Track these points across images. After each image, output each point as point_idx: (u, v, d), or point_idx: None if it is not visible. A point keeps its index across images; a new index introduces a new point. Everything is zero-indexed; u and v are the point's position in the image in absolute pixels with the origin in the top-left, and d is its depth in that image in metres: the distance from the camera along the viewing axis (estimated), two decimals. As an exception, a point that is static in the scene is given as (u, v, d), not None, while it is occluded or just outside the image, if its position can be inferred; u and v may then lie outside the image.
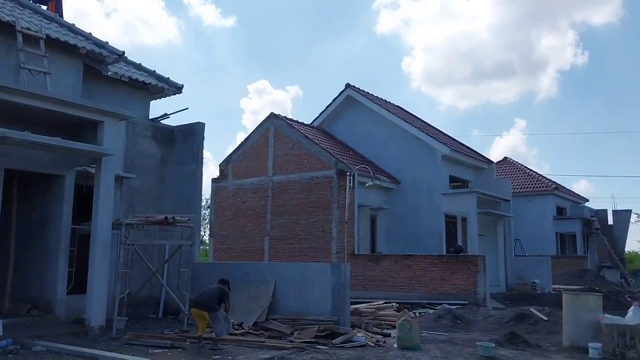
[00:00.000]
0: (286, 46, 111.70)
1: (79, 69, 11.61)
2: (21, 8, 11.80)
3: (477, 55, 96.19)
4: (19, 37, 10.29)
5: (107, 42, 12.06)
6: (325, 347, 9.20)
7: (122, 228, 10.31)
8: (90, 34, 12.08)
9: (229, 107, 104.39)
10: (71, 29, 11.99)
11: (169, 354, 8.51)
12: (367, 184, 17.60)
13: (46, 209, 11.22)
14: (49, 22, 11.79)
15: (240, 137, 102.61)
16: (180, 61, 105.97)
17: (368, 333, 10.66)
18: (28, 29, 10.57)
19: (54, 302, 10.60)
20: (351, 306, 11.54)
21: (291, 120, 22.09)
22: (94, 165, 10.88)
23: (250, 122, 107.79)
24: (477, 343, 9.16)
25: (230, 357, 8.30)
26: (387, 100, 25.46)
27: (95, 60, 11.90)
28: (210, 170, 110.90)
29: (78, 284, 11.05)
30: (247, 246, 20.95)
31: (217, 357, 8.31)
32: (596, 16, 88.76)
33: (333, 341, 9.54)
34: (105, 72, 12.26)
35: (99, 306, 9.81)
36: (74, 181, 11.10)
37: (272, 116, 21.43)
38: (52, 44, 10.98)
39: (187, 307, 11.12)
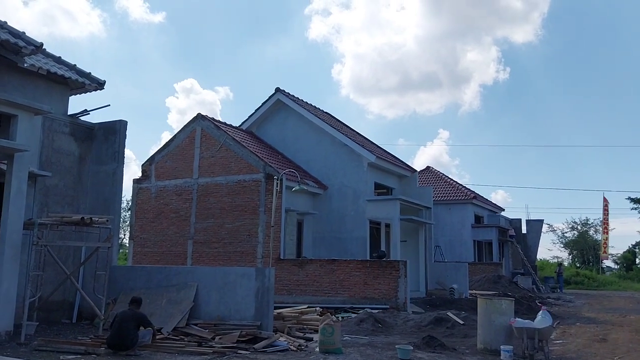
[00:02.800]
0: (217, 46, 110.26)
1: (-8, 58, 10.92)
2: None
3: (404, 66, 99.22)
4: None
5: (24, 32, 11.40)
6: (246, 352, 9.13)
7: (34, 228, 9.76)
8: (5, 22, 11.39)
9: (154, 105, 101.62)
10: (-16, 16, 11.27)
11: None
12: (294, 189, 17.65)
13: (-51, 207, 10.44)
14: (-42, 6, 11.04)
15: (166, 137, 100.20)
16: (104, 56, 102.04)
17: (290, 337, 10.67)
18: None
19: (-46, 307, 9.84)
20: (275, 311, 11.51)
21: (219, 121, 21.78)
22: (5, 162, 10.28)
23: (177, 121, 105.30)
24: (396, 346, 9.39)
25: (147, 363, 8.05)
26: (317, 107, 25.69)
27: (10, 51, 11.22)
28: (132, 170, 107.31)
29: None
30: (170, 250, 20.42)
31: (133, 363, 8.03)
32: (517, 34, 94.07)
33: (255, 346, 9.48)
34: (22, 63, 11.59)
35: (7, 310, 9.24)
36: (-19, 178, 10.40)
37: (200, 117, 21.05)
38: (-38, 30, 10.29)
39: (102, 312, 10.71)
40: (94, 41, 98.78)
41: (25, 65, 11.73)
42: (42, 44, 11.49)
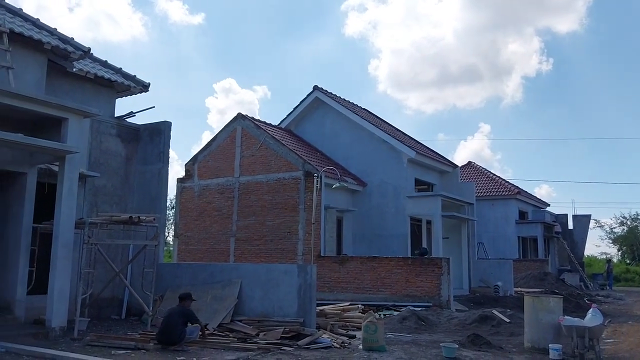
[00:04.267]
0: (254, 45, 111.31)
1: (43, 64, 11.32)
2: (-18, 1, 11.46)
3: (443, 60, 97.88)
4: (-19, 31, 10.00)
5: (72, 38, 11.81)
6: (290, 349, 9.20)
7: (85, 227, 10.09)
8: (55, 29, 11.81)
9: (194, 105, 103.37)
10: (35, 23, 11.69)
11: (132, 355, 8.38)
12: (334, 186, 17.69)
13: (6, 207, 10.91)
14: (12, 16, 11.46)
15: (206, 136, 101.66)
16: (146, 58, 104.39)
17: (333, 334, 10.71)
18: (-10, 22, 10.27)
19: (13, 303, 10.31)
20: (317, 308, 11.57)
21: (259, 121, 22.02)
22: (57, 163, 10.66)
23: (216, 121, 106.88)
24: (441, 344, 9.31)
25: (194, 358, 8.23)
26: (355, 103, 25.65)
27: (60, 56, 11.64)
28: (175, 170, 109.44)
29: (39, 284, 10.78)
30: (213, 247, 20.78)
31: (181, 358, 8.22)
32: (561, 24, 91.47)
33: (298, 342, 9.55)
34: (70, 68, 12.00)
35: (61, 307, 9.59)
36: (36, 179, 10.83)
37: (240, 116, 21.33)
38: (16, 38, 10.66)
39: (150, 308, 11.00)
40: (135, 44, 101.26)
41: (74, 69, 12.13)
42: (89, 49, 11.87)
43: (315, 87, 22.97)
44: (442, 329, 12.54)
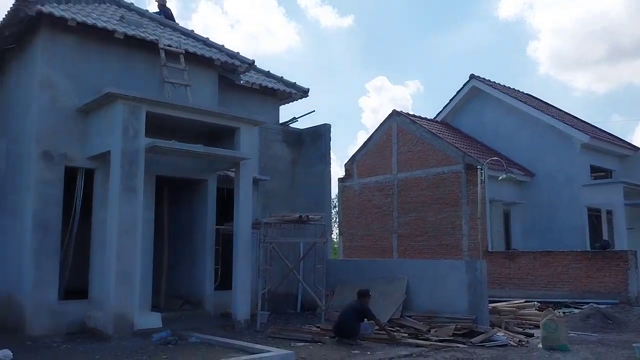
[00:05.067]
0: (404, 40, 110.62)
1: (215, 79, 12.39)
2: (162, 27, 12.83)
3: (613, 34, 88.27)
4: (162, 54, 11.16)
5: (238, 53, 12.73)
6: (464, 346, 8.98)
7: (261, 227, 10.84)
8: (222, 45, 12.83)
9: (348, 106, 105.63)
10: (206, 42, 12.82)
11: (310, 347, 8.81)
12: (500, 177, 16.90)
13: (192, 212, 12.12)
14: (186, 38, 12.71)
15: (361, 136, 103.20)
16: (301, 65, 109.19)
17: (509, 332, 10.23)
18: (169, 45, 11.46)
19: (203, 298, 11.42)
20: (489, 305, 11.14)
21: (413, 116, 21.83)
22: (232, 170, 11.58)
23: (370, 120, 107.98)
24: (634, 345, 8.40)
25: (369, 352, 8.40)
26: (515, 89, 24.23)
27: (228, 71, 12.63)
28: (334, 170, 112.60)
29: (223, 280, 11.80)
30: (376, 243, 21.03)
31: (356, 351, 8.45)
32: None
33: (472, 340, 9.28)
34: (238, 81, 12.97)
35: (244, 301, 10.40)
36: (216, 185, 11.87)
37: (394, 113, 21.34)
38: (190, 58, 11.76)
39: (323, 303, 11.46)
40: (291, 52, 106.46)
41: (241, 82, 13.11)
42: (253, 61, 12.73)
43: (472, 76, 22.14)
44: (632, 328, 11.33)
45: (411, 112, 23.39)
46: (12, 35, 10.66)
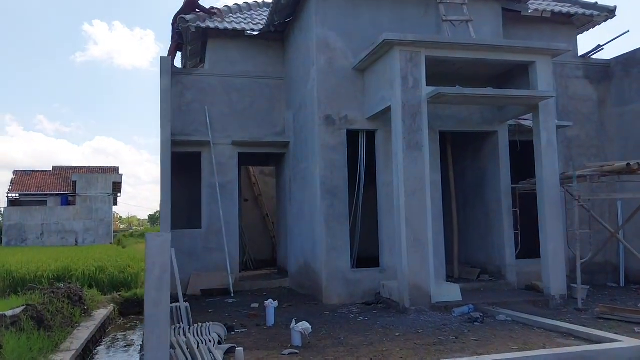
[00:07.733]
0: None
1: (498, 12, 10.54)
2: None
3: None
4: (437, -10, 9.86)
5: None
6: None
7: (573, 182, 8.71)
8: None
9: None
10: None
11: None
12: None
13: (481, 169, 10.66)
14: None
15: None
16: None
17: None
18: (442, -20, 10.01)
19: (503, 267, 9.91)
20: None
21: None
22: (524, 117, 9.75)
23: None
24: None
25: None
26: None
27: (512, 1, 10.67)
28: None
29: (525, 248, 10.11)
30: None
31: None
32: None
33: None
34: (525, 11, 10.90)
35: (558, 273, 8.56)
36: (507, 137, 10.16)
37: None
38: (467, -10, 10.19)
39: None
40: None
41: (528, 11, 10.98)
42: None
43: None
44: None
45: None
46: (288, 3, 10.54)
